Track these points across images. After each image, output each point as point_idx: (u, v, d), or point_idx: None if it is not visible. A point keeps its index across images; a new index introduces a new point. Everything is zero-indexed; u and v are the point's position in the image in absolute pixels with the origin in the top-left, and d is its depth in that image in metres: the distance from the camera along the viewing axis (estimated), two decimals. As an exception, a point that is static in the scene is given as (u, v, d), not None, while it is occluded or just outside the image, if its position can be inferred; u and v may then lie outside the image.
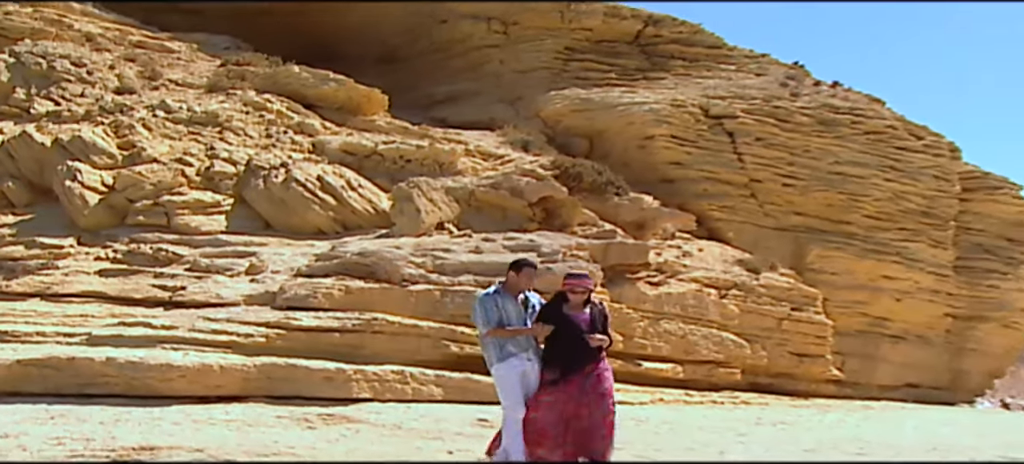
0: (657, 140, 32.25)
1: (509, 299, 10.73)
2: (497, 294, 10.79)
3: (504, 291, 10.82)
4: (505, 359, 10.56)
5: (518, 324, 10.64)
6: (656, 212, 29.58)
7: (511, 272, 10.98)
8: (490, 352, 10.72)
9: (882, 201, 34.00)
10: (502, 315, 10.59)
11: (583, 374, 10.44)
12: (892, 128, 35.93)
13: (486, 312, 10.62)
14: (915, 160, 35.45)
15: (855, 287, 32.40)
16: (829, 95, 36.61)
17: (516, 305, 10.72)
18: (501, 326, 10.59)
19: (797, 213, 32.92)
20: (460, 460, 12.42)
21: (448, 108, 36.02)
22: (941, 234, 35.15)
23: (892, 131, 35.80)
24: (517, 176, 27.32)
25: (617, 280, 24.47)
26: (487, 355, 10.84)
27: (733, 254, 30.06)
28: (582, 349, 10.45)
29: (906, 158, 35.29)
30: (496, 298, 10.72)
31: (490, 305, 10.64)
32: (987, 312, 35.83)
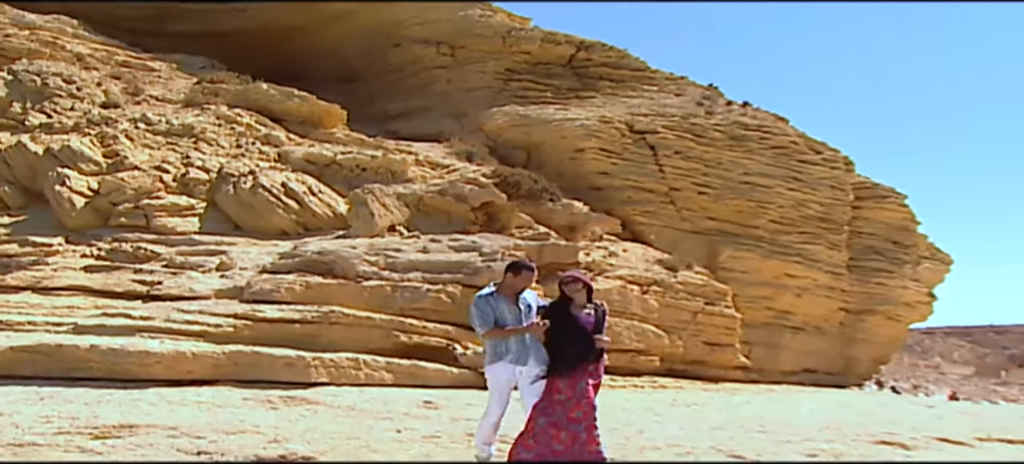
0: (587, 152, 32.37)
1: (504, 300, 9.96)
2: (492, 295, 10.02)
3: (499, 293, 10.05)
4: (496, 361, 9.94)
5: (514, 324, 9.88)
6: (586, 217, 29.75)
7: (508, 273, 10.16)
8: (486, 352, 10.12)
9: (785, 208, 34.32)
10: (497, 316, 9.87)
11: (585, 373, 9.74)
12: (795, 143, 36.26)
13: (481, 313, 9.91)
14: (814, 172, 35.83)
15: (761, 284, 32.73)
16: (740, 114, 36.82)
17: (512, 306, 9.95)
18: (497, 326, 9.87)
19: (711, 218, 33.14)
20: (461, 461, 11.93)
21: (401, 123, 36.00)
22: (836, 237, 35.59)
23: (795, 146, 36.14)
24: (461, 184, 27.33)
25: (551, 277, 24.51)
26: (485, 353, 10.20)
27: (654, 254, 30.18)
28: (589, 348, 9.77)
29: (807, 170, 35.64)
30: (491, 299, 9.97)
31: (485, 307, 9.92)
32: (875, 306, 36.37)
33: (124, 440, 11.20)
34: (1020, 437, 17.77)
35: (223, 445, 11.12)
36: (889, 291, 37.11)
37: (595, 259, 26.83)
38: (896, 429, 17.59)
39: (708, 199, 33.25)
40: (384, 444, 12.02)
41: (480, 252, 22.49)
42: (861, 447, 14.99)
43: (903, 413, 23.86)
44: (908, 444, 15.53)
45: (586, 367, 9.74)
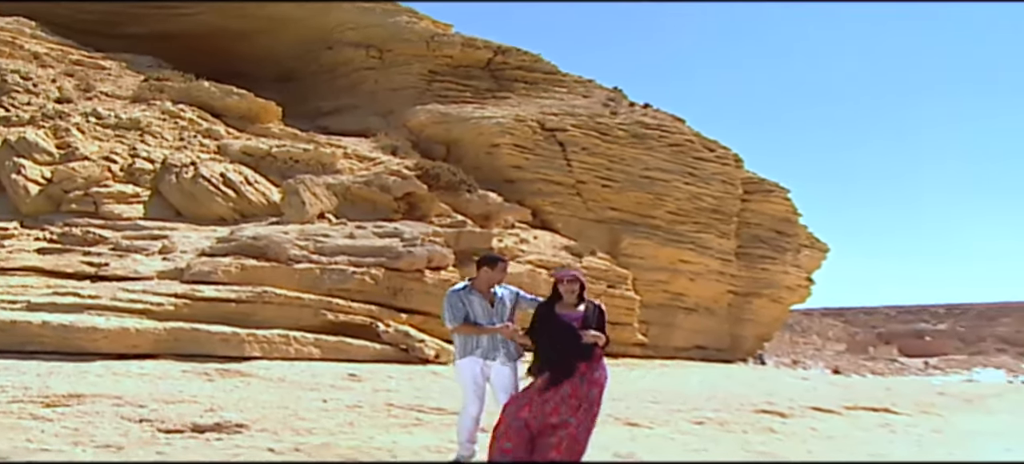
0: (502, 148, 32.63)
1: (477, 295, 8.97)
2: (465, 290, 9.04)
3: (473, 288, 9.05)
4: (465, 356, 8.97)
5: (485, 320, 8.90)
6: (500, 206, 30.05)
7: (482, 268, 9.14)
8: (456, 348, 9.18)
9: (681, 200, 34.79)
10: (468, 311, 8.89)
11: (577, 375, 8.44)
12: (690, 142, 36.75)
13: (452, 308, 8.93)
14: (708, 168, 36.37)
15: (658, 269, 33.16)
16: (641, 114, 37.18)
17: (484, 301, 8.97)
18: (467, 322, 8.90)
19: (613, 209, 33.52)
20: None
21: (332, 119, 35.95)
22: (726, 227, 36.18)
23: (690, 144, 36.63)
24: (386, 175, 27.55)
25: (467, 262, 24.79)
26: (453, 349, 9.32)
27: (561, 241, 30.57)
28: (572, 348, 8.48)
29: (701, 166, 36.17)
30: (463, 294, 8.99)
31: (456, 302, 8.94)
32: (760, 289, 37.05)
33: (73, 408, 11.33)
34: (882, 406, 18.15)
35: (163, 413, 11.24)
36: (772, 276, 37.85)
37: (507, 245, 27.10)
38: (774, 399, 17.97)
39: (611, 191, 33.60)
40: (311, 413, 12.15)
41: (402, 238, 22.78)
42: (743, 415, 15.29)
43: (781, 385, 24.34)
44: (785, 412, 15.91)
45: (570, 369, 8.43)
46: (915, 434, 14.85)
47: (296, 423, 11.37)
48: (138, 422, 10.75)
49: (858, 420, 16.35)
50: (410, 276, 21.95)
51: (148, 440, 9.99)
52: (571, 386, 8.35)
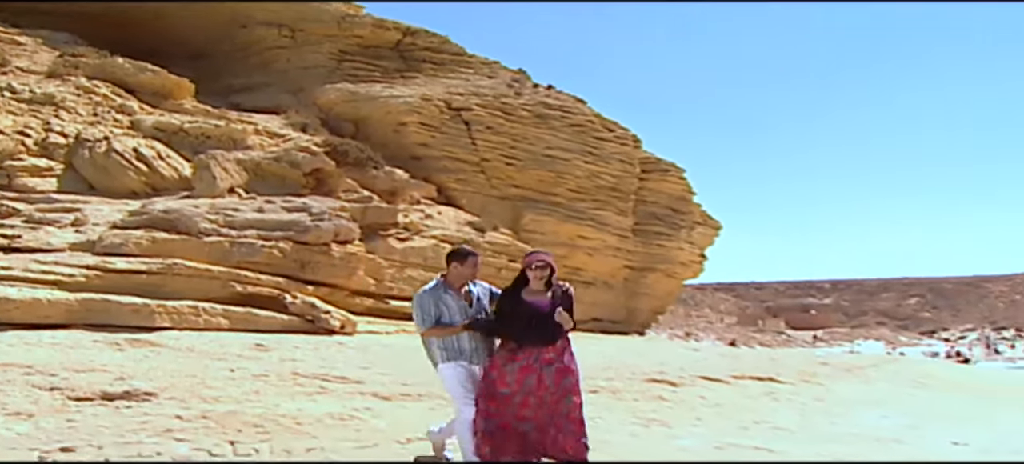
0: (409, 126, 32.86)
1: (450, 294, 7.96)
2: (437, 289, 7.99)
3: (445, 285, 8.02)
4: (448, 361, 7.94)
5: (461, 319, 7.92)
6: (405, 183, 30.25)
7: (453, 263, 8.09)
8: (433, 352, 8.07)
9: (581, 178, 35.44)
10: (441, 312, 7.89)
11: (542, 361, 7.62)
12: (591, 122, 37.34)
13: (423, 311, 7.94)
14: (607, 148, 37.02)
15: (558, 244, 33.52)
16: (545, 95, 37.67)
17: (458, 299, 7.99)
18: (440, 324, 7.89)
19: (516, 186, 34.07)
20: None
21: (243, 96, 35.71)
22: (624, 205, 36.91)
23: (591, 125, 37.22)
24: (295, 151, 27.57)
25: (372, 236, 25.10)
26: (430, 354, 8.16)
27: (465, 217, 30.94)
28: (539, 328, 7.67)
29: (601, 146, 36.80)
30: (435, 294, 7.95)
31: (428, 303, 7.94)
32: (655, 264, 37.92)
33: (-15, 376, 11.39)
34: (767, 375, 18.58)
35: (74, 382, 11.28)
36: (667, 252, 38.72)
37: (413, 220, 27.40)
38: (665, 369, 18.19)
39: (514, 169, 34.11)
40: (219, 382, 12.24)
41: (310, 213, 22.90)
42: (635, 384, 15.52)
43: (673, 355, 24.74)
44: (675, 381, 16.19)
45: (535, 353, 7.63)
46: (798, 402, 15.36)
47: (203, 391, 11.43)
48: (49, 390, 10.78)
49: (745, 389, 16.68)
50: (317, 249, 22.12)
51: (58, 408, 10.04)
52: (537, 376, 7.55)
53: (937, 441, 12.23)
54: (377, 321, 23.31)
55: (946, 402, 16.98)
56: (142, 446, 8.64)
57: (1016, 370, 47.13)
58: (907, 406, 15.76)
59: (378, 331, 22.27)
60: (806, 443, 11.39)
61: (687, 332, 63.64)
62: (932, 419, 14.59)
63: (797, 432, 12.37)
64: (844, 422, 13.21)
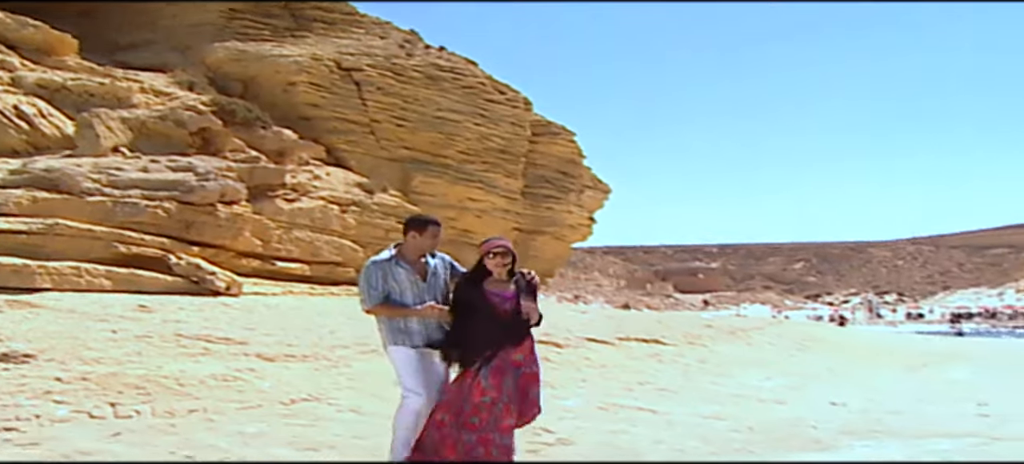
0: (298, 86, 32.62)
1: (404, 267, 7.08)
2: (390, 261, 7.09)
3: (400, 257, 7.14)
4: (399, 344, 7.11)
5: (413, 297, 7.06)
6: (294, 143, 30.20)
7: (411, 232, 7.22)
8: (382, 331, 7.20)
9: (471, 141, 35.71)
10: (391, 287, 7.04)
11: (511, 362, 6.92)
12: (482, 84, 37.54)
13: (369, 284, 7.04)
14: (498, 110, 37.31)
15: (447, 206, 33.89)
16: (436, 56, 37.70)
17: (412, 274, 7.09)
18: (389, 301, 7.05)
19: (406, 148, 34.12)
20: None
21: (129, 54, 34.92)
22: (514, 168, 37.35)
23: (482, 87, 37.43)
24: (181, 110, 27.32)
25: (260, 197, 25.13)
26: (380, 334, 7.29)
27: (354, 178, 30.99)
28: (502, 330, 6.98)
29: (491, 108, 37.06)
30: (387, 266, 7.06)
31: (376, 276, 7.04)
32: (544, 227, 38.54)
33: None
34: (652, 337, 19.12)
35: None
36: (556, 215, 39.36)
37: (301, 181, 27.46)
38: (552, 330, 18.34)
39: (405, 131, 34.17)
40: (100, 343, 12.26)
41: (195, 172, 22.88)
42: None
43: (560, 318, 25.21)
44: (561, 343, 16.67)
45: (504, 355, 6.94)
46: (682, 363, 16.02)
47: (84, 353, 11.45)
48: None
49: (630, 350, 17.30)
50: (202, 210, 22.15)
51: (-64, 369, 10.00)
52: (512, 378, 6.88)
53: (817, 401, 12.95)
54: (264, 282, 23.49)
55: (827, 363, 17.81)
56: (20, 409, 8.70)
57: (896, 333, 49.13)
58: (789, 367, 16.53)
59: (264, 293, 22.45)
60: (689, 403, 11.95)
61: (576, 295, 64.71)
62: (813, 380, 15.40)
63: (680, 392, 12.95)
64: (727, 383, 13.83)
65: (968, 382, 16.01)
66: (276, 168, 26.66)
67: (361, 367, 12.47)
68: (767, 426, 10.56)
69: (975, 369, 18.00)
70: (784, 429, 10.53)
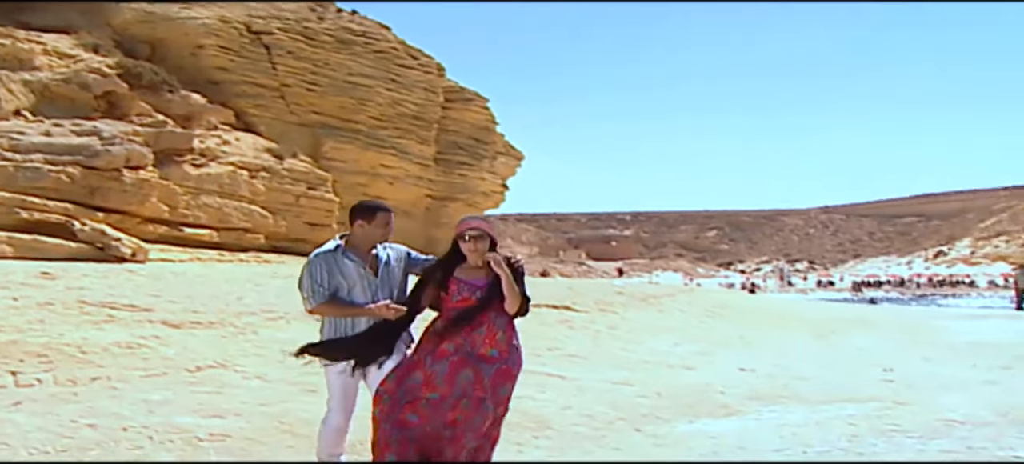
0: (207, 49, 32.31)
1: (352, 261, 6.05)
2: (336, 253, 6.08)
3: (348, 249, 6.11)
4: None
5: (365, 295, 6.04)
6: (202, 107, 29.92)
7: (359, 221, 6.15)
8: (325, 333, 6.16)
9: (384, 106, 35.71)
10: (338, 283, 6.03)
11: (478, 354, 5.87)
12: (395, 49, 37.53)
13: (313, 280, 6.00)
14: (411, 76, 37.31)
15: (359, 173, 34.14)
16: (348, 20, 37.58)
17: (363, 268, 6.07)
18: (336, 301, 6.02)
19: (317, 113, 34.04)
20: None
21: (31, 14, 34.03)
22: (427, 134, 37.42)
23: (395, 52, 37.42)
24: (86, 73, 26.93)
25: (166, 162, 24.95)
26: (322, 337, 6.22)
27: (264, 143, 30.90)
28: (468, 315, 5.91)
29: (404, 74, 37.06)
30: (332, 259, 6.04)
31: (320, 271, 6.01)
32: (456, 194, 38.69)
33: None
34: (564, 303, 19.36)
35: None
36: (469, 182, 39.60)
37: (209, 146, 27.29)
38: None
39: (315, 96, 34.06)
40: (0, 311, 11.97)
41: (100, 137, 22.68)
42: None
43: None
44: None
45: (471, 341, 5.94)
46: (592, 330, 16.21)
47: None
48: None
49: (541, 317, 17.12)
50: (108, 175, 21.97)
51: None
52: (474, 371, 5.82)
53: (725, 367, 13.24)
54: (170, 249, 23.38)
55: (737, 330, 18.07)
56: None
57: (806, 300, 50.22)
58: (699, 334, 16.77)
59: (171, 259, 22.35)
60: (598, 369, 12.17)
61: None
62: (722, 346, 15.70)
63: (590, 358, 13.15)
64: (637, 349, 14.00)
65: (874, 349, 16.42)
66: (184, 133, 26.45)
67: (268, 334, 12.39)
68: (675, 391, 10.74)
69: (882, 336, 18.43)
70: (692, 395, 10.73)
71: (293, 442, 7.72)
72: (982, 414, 9.75)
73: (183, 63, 32.23)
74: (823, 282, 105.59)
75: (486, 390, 5.76)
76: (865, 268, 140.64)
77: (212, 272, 21.24)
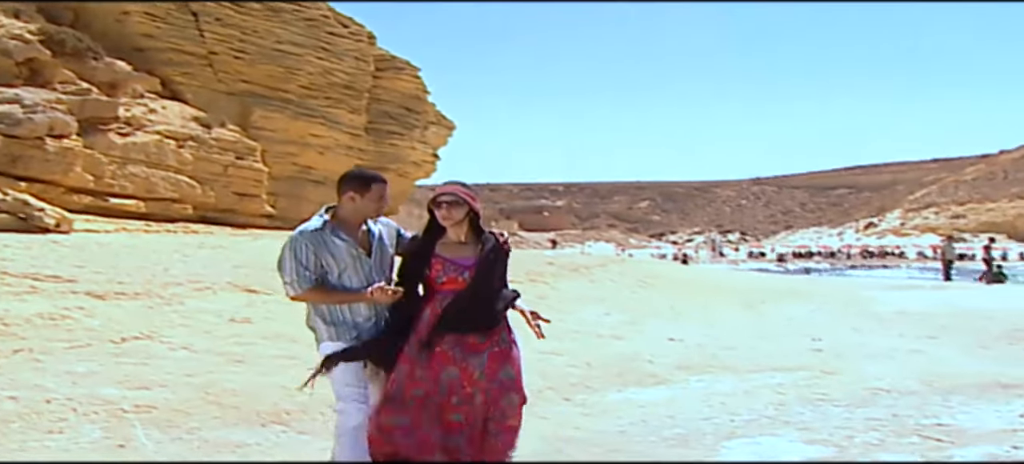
0: (132, 15, 31.78)
1: (342, 239, 5.35)
2: (323, 231, 5.37)
3: (336, 224, 5.41)
4: (336, 339, 5.40)
5: (356, 278, 5.37)
6: (127, 75, 29.40)
7: (349, 192, 5.44)
8: (313, 323, 5.51)
9: (313, 75, 35.55)
10: (326, 265, 5.32)
11: (466, 348, 5.31)
12: (325, 17, 37.22)
13: (297, 262, 5.29)
14: (341, 44, 37.17)
15: (288, 142, 34.01)
16: (277, -14, 37.32)
17: (354, 248, 5.38)
18: (324, 287, 5.34)
19: (245, 81, 33.75)
20: None
21: (-53, -23, 33.77)
22: (357, 103, 37.35)
23: (325, 19, 37.13)
24: (7, 39, 26.39)
25: (91, 130, 24.71)
26: (310, 325, 5.58)
27: (191, 112, 30.54)
28: (463, 308, 5.37)
29: (334, 42, 36.88)
30: (319, 238, 5.33)
31: (304, 251, 5.30)
32: (387, 164, 38.48)
33: None
34: None
35: None
36: (400, 151, 39.63)
37: (135, 115, 27.03)
38: None
39: (244, 64, 33.76)
40: None
41: (22, 105, 22.40)
42: None
43: None
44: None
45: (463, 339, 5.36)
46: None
47: None
48: None
49: None
50: (30, 144, 21.74)
51: None
52: (460, 369, 5.29)
53: (655, 336, 13.53)
54: (96, 219, 23.16)
55: (668, 300, 18.36)
56: None
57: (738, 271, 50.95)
58: (629, 304, 17.05)
59: (96, 230, 22.12)
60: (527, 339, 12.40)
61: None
62: (652, 316, 15.99)
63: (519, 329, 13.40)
64: (567, 319, 14.16)
65: (804, 319, 16.80)
66: (108, 101, 26.17)
67: (194, 305, 12.42)
68: (604, 361, 10.99)
69: (812, 306, 18.81)
70: (621, 364, 10.98)
71: (220, 413, 7.85)
72: (907, 383, 10.10)
73: (108, 30, 31.69)
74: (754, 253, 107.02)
75: (476, 381, 5.27)
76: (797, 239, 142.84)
77: (139, 243, 21.06)
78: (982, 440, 7.39)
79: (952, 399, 9.12)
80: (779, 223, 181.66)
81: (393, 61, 40.37)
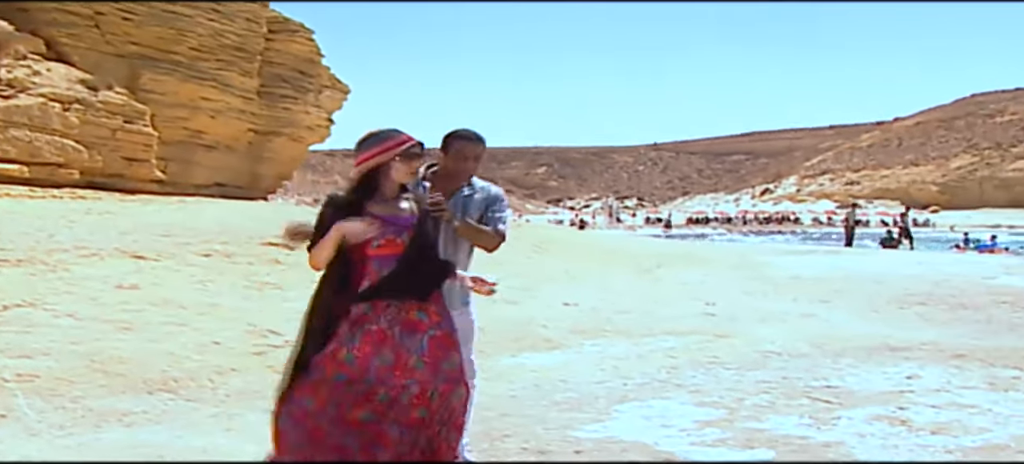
0: (13, -28, 31.03)
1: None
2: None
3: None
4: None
5: None
6: (9, 35, 28.42)
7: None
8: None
9: (204, 37, 34.75)
10: None
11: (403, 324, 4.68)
12: (216, -23, 36.82)
13: None
14: (232, 5, 36.29)
15: (178, 106, 33.36)
16: (161, -55, 36.60)
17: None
18: None
19: (134, 43, 32.88)
20: None
21: None
22: (249, 66, 36.77)
23: (216, -21, 36.70)
24: None
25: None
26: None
27: (77, 75, 29.78)
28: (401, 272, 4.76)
29: (225, 4, 35.97)
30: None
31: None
32: (280, 129, 38.30)
33: None
34: None
35: None
36: (293, 116, 39.17)
37: (17, 77, 26.41)
38: None
39: (132, 25, 32.86)
40: None
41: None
42: (251, 248, 16.03)
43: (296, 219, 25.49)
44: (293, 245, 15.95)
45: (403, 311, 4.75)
46: None
47: None
48: None
49: None
50: (-92, 108, 21.24)
51: None
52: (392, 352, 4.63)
53: (550, 301, 13.86)
54: (-26, 186, 22.72)
55: (563, 266, 18.72)
56: None
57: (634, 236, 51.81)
58: (524, 269, 17.24)
59: (-25, 196, 21.75)
60: None
61: (316, 199, 64.77)
62: (548, 281, 16.31)
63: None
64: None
65: (698, 284, 17.31)
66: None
67: (80, 272, 12.30)
68: (499, 326, 10.94)
69: (707, 271, 19.30)
70: (516, 329, 11.23)
71: (106, 381, 7.87)
72: (798, 345, 10.59)
73: (-17, -12, 30.86)
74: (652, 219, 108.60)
75: (412, 370, 4.62)
76: (694, 205, 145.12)
77: (22, 208, 20.62)
78: (870, 401, 7.80)
79: (841, 361, 9.59)
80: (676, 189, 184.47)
81: (286, 23, 39.89)
